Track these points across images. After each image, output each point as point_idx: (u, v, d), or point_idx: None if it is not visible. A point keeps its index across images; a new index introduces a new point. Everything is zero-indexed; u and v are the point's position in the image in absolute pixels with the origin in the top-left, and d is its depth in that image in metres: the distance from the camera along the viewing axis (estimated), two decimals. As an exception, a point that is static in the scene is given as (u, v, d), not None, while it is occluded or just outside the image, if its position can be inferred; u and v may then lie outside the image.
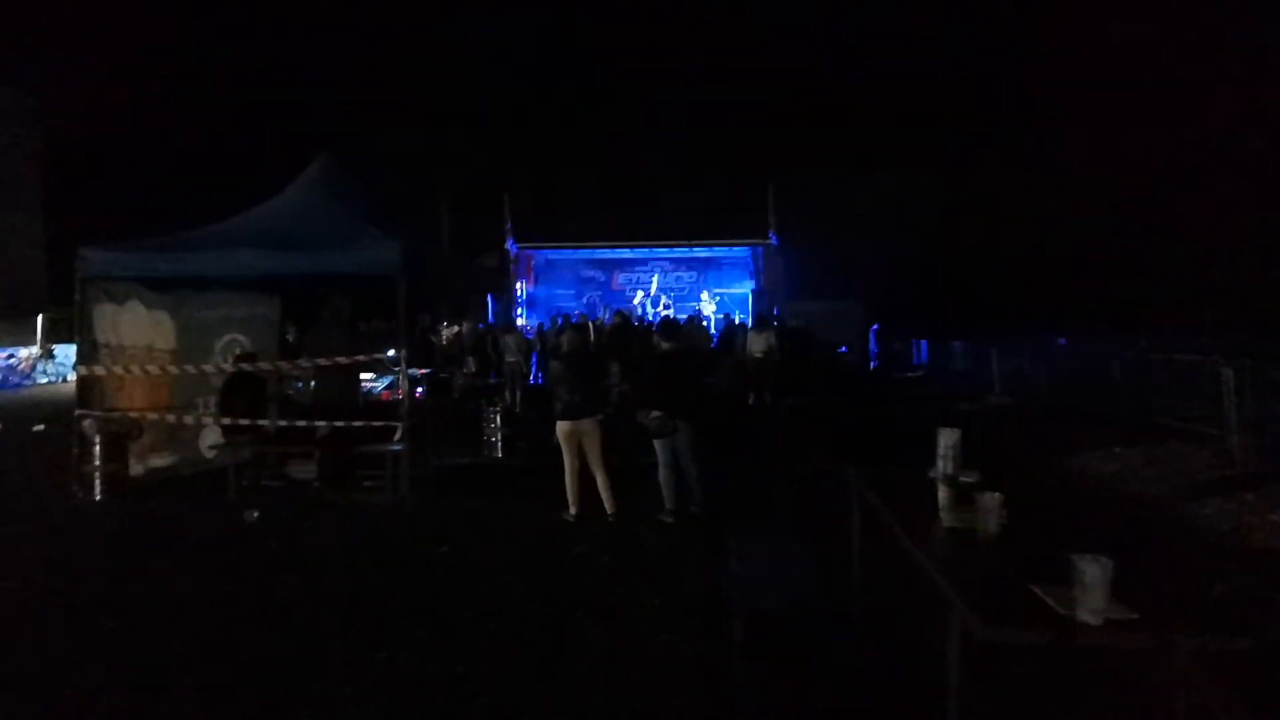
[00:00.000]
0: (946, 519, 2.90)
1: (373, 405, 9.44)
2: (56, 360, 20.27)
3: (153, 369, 7.26)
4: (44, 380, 19.73)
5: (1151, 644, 1.94)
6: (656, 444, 5.91)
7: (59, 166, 29.84)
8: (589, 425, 5.87)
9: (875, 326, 22.60)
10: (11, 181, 27.96)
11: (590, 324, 15.14)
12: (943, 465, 3.07)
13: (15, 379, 18.92)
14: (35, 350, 20.26)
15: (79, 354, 7.12)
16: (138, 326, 7.45)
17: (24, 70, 29.69)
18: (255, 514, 6.05)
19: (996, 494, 2.72)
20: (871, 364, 21.97)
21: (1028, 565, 2.33)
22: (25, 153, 28.73)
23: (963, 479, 3.00)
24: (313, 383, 7.43)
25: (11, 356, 19.31)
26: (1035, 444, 9.30)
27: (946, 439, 3.08)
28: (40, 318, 21.27)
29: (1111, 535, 2.57)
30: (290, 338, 9.37)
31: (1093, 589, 1.96)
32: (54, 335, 20.98)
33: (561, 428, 5.89)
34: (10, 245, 27.75)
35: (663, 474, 5.91)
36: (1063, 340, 16.75)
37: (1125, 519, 6.19)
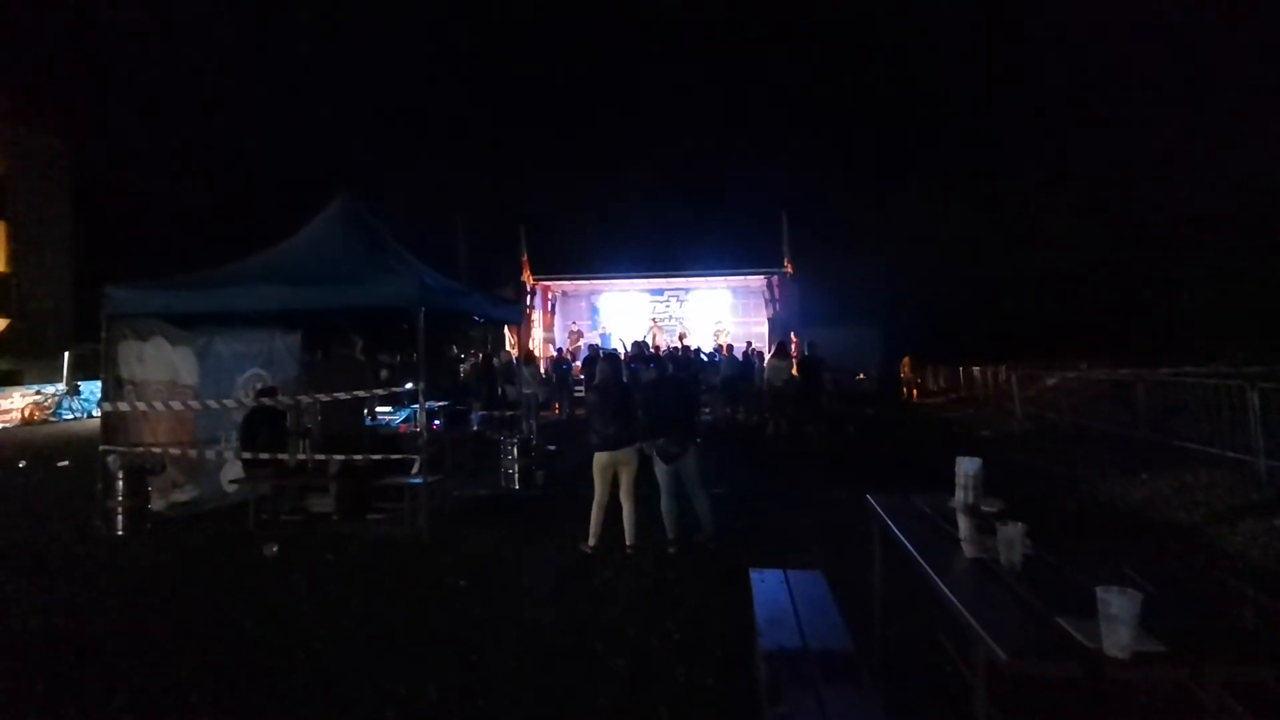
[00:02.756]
0: (969, 549, 2.86)
1: (390, 437, 9.49)
2: (82, 396, 20.59)
3: (176, 404, 7.36)
4: (69, 416, 20.04)
5: (1180, 677, 1.89)
6: (659, 472, 5.89)
7: (87, 206, 30.58)
8: (627, 455, 5.84)
9: (908, 355, 22.40)
10: (41, 221, 28.67)
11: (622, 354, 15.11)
12: (963, 495, 3.02)
13: (41, 415, 19.21)
14: (62, 387, 20.61)
15: (104, 391, 7.24)
16: (161, 362, 7.58)
17: (53, 112, 30.61)
18: (275, 547, 6.07)
19: (1020, 524, 2.68)
20: (905, 390, 21.70)
21: (1054, 597, 2.29)
22: (54, 193, 29.48)
23: (985, 508, 2.96)
24: (319, 417, 7.47)
25: (39, 393, 19.64)
26: (1061, 470, 9.17)
27: (966, 468, 3.04)
28: (66, 355, 21.67)
29: (1141, 564, 2.51)
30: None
31: (1118, 622, 1.91)
32: (80, 372, 21.35)
33: (600, 459, 5.85)
34: (39, 283, 28.37)
35: (665, 503, 5.88)
36: (1084, 364, 16.61)
37: (1155, 546, 6.07)
